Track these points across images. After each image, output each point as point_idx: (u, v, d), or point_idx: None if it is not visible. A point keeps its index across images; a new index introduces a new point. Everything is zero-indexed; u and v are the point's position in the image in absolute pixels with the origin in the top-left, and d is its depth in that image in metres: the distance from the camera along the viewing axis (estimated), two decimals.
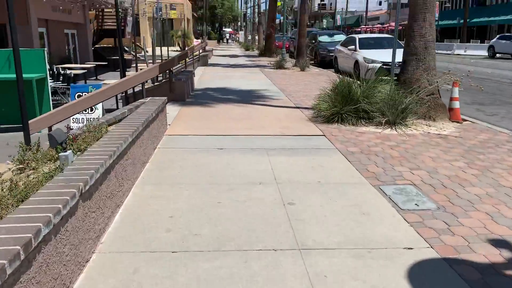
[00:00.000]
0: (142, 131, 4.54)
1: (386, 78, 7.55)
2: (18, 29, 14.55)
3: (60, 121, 5.73)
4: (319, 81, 12.91)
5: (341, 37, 21.56)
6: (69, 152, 3.57)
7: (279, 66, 17.64)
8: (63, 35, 20.60)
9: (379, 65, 13.26)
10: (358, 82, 7.20)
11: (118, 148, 3.55)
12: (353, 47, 15.03)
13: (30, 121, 5.08)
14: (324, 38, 22.04)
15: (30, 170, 4.37)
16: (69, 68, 16.53)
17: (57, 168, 3.59)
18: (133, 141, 4.13)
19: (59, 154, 3.58)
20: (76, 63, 21.95)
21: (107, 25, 27.72)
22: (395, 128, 6.42)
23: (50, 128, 5.45)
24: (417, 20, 6.96)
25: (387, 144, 5.67)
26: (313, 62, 19.99)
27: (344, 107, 6.70)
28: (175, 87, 8.98)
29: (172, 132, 6.20)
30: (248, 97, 9.83)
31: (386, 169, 4.66)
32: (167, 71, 9.51)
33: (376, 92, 6.89)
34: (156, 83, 10.59)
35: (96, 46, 25.96)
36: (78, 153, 4.34)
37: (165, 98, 6.24)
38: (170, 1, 35.63)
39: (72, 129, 8.57)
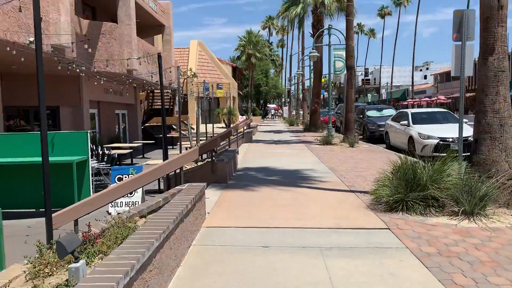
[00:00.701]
0: (173, 230, 3.85)
1: (445, 155, 6.54)
2: (70, 111, 14.97)
3: (89, 212, 5.18)
4: (371, 159, 12.03)
5: (390, 111, 20.86)
6: (80, 263, 2.90)
7: (326, 142, 16.97)
8: (114, 116, 21.26)
9: (436, 141, 12.30)
10: (422, 162, 6.31)
11: (139, 260, 2.84)
12: (406, 122, 14.23)
13: (54, 215, 4.56)
14: (372, 113, 21.42)
15: (44, 275, 3.75)
16: (117, 148, 16.69)
17: (66, 285, 2.92)
18: (161, 245, 3.43)
19: (69, 266, 2.93)
20: (125, 142, 22.43)
21: (157, 105, 28.72)
22: (474, 220, 5.37)
23: (76, 222, 4.90)
24: (489, 94, 6.15)
25: (469, 242, 4.63)
26: (361, 137, 19.21)
27: (409, 194, 5.77)
28: (217, 168, 8.44)
29: (211, 224, 5.48)
30: (294, 178, 9.09)
31: (478, 280, 3.62)
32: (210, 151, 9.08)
33: (445, 176, 5.95)
34: (199, 163, 10.16)
35: (146, 124, 26.72)
36: (98, 257, 3.67)
37: (204, 184, 5.62)
38: (217, 81, 36.90)
39: (110, 213, 8.08)
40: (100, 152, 11.49)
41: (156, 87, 23.41)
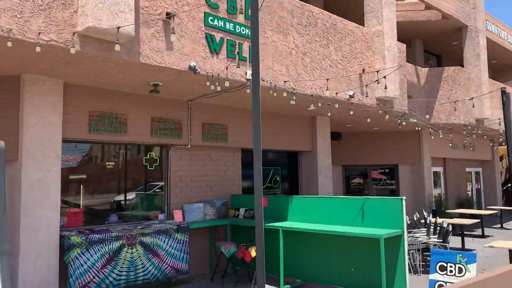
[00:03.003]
0: None
1: None
2: (409, 169, 13.28)
3: None
4: None
5: None
6: None
7: None
8: (464, 174, 18.21)
9: None
10: None
11: None
12: None
13: None
14: None
15: None
16: (461, 216, 13.74)
17: None
18: None
19: None
20: (478, 206, 18.77)
21: None
22: None
23: None
24: None
25: None
26: None
27: None
28: None
29: None
30: None
31: None
32: None
33: None
34: None
35: (508, 185, 21.91)
36: None
37: None
38: None
39: None
40: (433, 221, 9.21)
41: None
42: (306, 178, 11.07)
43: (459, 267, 5.63)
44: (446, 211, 13.78)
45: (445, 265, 5.76)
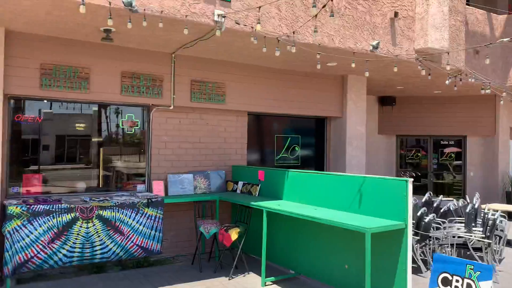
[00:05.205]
0: None
1: None
2: (481, 142, 11.01)
3: None
4: None
5: None
6: None
7: None
8: None
9: None
10: None
11: None
12: None
13: None
14: None
15: None
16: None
17: None
18: None
19: None
20: None
21: None
22: None
23: None
24: None
25: None
26: None
27: None
28: None
29: None
30: None
31: None
32: None
33: None
34: None
35: None
36: None
37: None
38: None
39: None
40: (469, 207, 7.09)
41: None
42: (333, 149, 9.40)
43: (467, 283, 3.86)
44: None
45: (450, 278, 4.01)
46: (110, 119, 7.00)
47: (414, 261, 7.00)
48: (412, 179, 4.85)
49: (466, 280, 3.88)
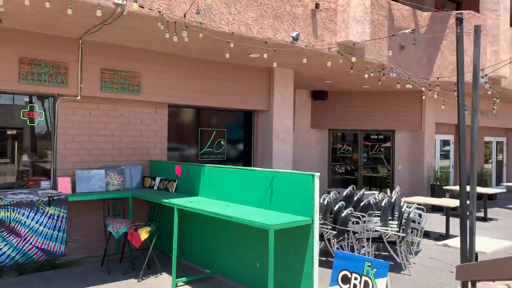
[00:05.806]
0: None
1: None
2: (408, 136, 11.16)
3: None
4: None
5: None
6: None
7: None
8: (482, 144, 15.65)
9: None
10: None
11: None
12: None
13: None
14: None
15: None
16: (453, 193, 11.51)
17: None
18: None
19: None
20: (499, 183, 16.31)
21: None
22: None
23: None
24: None
25: None
26: None
27: None
28: None
29: None
30: None
31: None
32: None
33: None
34: None
35: None
36: None
37: None
38: None
39: None
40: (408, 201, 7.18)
41: None
42: (261, 143, 9.21)
43: (365, 281, 3.75)
44: (444, 187, 11.57)
45: (349, 275, 3.89)
46: (10, 110, 6.36)
47: (331, 256, 6.95)
48: (319, 173, 4.70)
49: (364, 278, 3.77)
